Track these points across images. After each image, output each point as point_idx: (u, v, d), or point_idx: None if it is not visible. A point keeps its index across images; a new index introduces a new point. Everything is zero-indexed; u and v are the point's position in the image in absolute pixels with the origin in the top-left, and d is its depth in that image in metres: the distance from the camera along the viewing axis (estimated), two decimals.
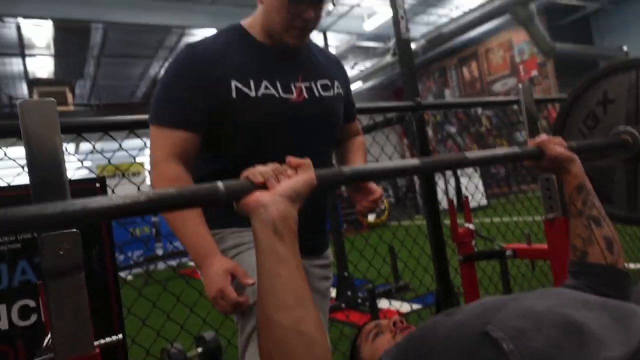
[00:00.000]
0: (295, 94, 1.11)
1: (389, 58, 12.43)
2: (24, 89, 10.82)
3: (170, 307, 1.66)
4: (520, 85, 1.39)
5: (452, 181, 8.16)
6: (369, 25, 11.87)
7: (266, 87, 1.08)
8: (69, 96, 9.24)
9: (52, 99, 0.79)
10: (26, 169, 1.19)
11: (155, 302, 1.62)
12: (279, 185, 0.69)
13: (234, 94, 1.05)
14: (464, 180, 8.15)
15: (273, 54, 1.11)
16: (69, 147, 0.94)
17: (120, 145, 1.54)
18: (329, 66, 1.23)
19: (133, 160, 1.68)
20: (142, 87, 14.53)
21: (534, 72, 12.62)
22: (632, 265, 3.13)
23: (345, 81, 1.28)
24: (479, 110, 13.32)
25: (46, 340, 1.08)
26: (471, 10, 11.30)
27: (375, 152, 2.07)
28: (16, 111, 0.76)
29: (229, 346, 2.12)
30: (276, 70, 1.11)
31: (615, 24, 12.23)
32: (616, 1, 11.82)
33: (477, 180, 8.93)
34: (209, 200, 0.66)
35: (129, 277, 5.28)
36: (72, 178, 1.40)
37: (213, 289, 0.96)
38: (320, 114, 1.15)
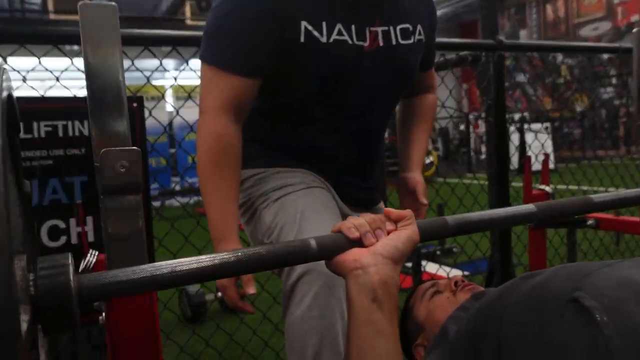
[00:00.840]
0: (368, 41, 1.10)
1: None
2: None
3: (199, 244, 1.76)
4: (635, 30, 1.33)
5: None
6: None
7: (339, 32, 1.06)
8: None
9: (114, 3, 0.82)
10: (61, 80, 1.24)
11: (188, 236, 1.72)
12: (379, 243, 0.69)
13: (302, 38, 1.04)
14: (529, 139, 7.95)
15: None
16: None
17: (161, 62, 1.58)
18: (415, 5, 1.20)
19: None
20: (165, 1, 14.46)
21: (635, 17, 11.84)
22: None
23: (432, 24, 1.25)
24: (559, 57, 12.72)
25: (83, 264, 1.17)
26: None
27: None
28: (29, 17, 0.79)
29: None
30: (353, 12, 1.08)
31: None
32: None
33: (546, 141, 8.68)
34: (300, 259, 0.69)
35: None
36: None
37: (218, 280, 1.00)
38: (394, 65, 1.15)
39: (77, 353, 2.05)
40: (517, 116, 9.47)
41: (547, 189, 1.71)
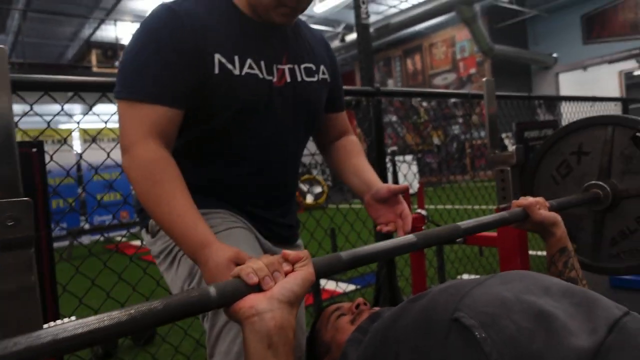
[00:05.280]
0: (276, 77, 1.04)
1: (337, 43, 12.44)
2: None
3: (109, 284, 1.54)
4: (484, 80, 1.42)
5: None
6: (320, 8, 11.75)
7: (250, 66, 0.99)
8: None
9: (3, 46, 0.68)
10: None
11: (94, 279, 1.50)
12: (276, 287, 0.62)
13: (216, 69, 0.95)
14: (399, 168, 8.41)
15: (259, 29, 1.03)
16: None
17: (62, 107, 1.40)
18: (317, 48, 1.16)
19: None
20: (72, 47, 13.49)
21: (473, 70, 13.18)
22: None
23: (333, 66, 1.20)
24: (418, 101, 13.70)
25: None
26: (420, 4, 11.54)
27: None
28: None
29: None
30: (261, 49, 1.02)
31: (548, 31, 13.01)
32: (550, 10, 12.56)
33: (413, 169, 9.23)
34: (201, 309, 0.58)
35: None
36: None
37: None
38: (300, 101, 1.08)
39: None
40: (389, 150, 9.98)
41: (423, 212, 1.74)
